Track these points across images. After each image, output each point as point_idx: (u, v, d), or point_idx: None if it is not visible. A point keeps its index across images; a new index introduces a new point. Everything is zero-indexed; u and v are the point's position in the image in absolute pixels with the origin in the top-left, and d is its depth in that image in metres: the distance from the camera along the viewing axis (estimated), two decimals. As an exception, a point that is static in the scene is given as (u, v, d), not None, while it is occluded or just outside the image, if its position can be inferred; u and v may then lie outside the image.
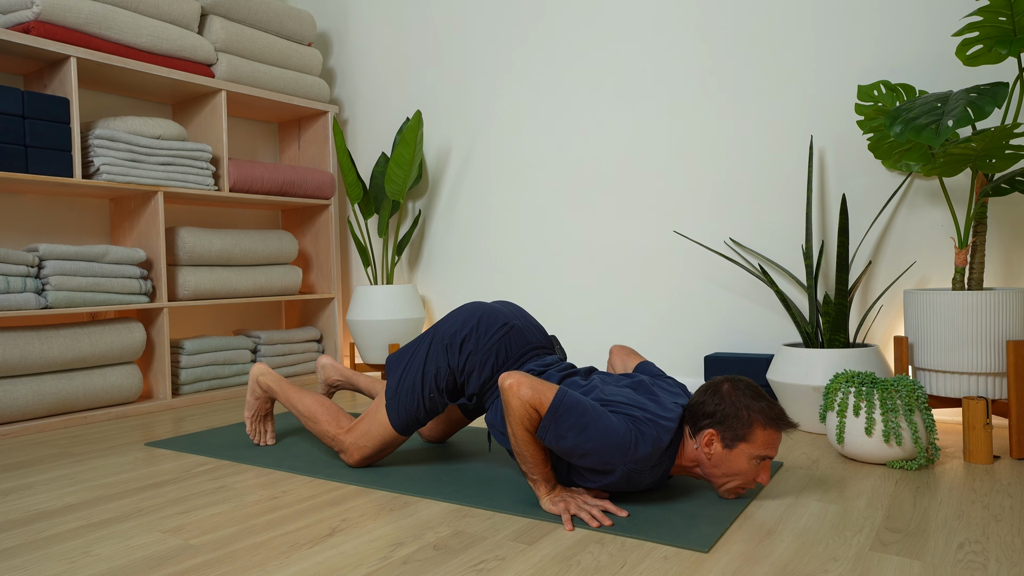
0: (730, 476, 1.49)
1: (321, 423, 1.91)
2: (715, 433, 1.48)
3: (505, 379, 1.44)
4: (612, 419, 1.43)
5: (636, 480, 1.48)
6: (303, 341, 3.46)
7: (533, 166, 3.13)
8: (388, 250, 3.52)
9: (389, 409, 1.78)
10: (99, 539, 1.39)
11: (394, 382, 1.79)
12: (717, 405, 1.49)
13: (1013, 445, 1.81)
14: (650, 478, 1.49)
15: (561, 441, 1.41)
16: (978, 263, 2.00)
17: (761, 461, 1.48)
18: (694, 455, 1.52)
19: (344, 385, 2.32)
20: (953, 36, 2.01)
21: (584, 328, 3.01)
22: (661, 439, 1.44)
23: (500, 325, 1.76)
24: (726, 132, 2.67)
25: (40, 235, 2.85)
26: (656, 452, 1.44)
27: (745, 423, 1.47)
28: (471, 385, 1.74)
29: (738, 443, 1.47)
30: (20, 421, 2.46)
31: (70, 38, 2.62)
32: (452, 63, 3.37)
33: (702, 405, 1.51)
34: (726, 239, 2.68)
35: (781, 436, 1.50)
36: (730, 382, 1.53)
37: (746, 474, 1.48)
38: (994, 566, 1.17)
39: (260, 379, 2.12)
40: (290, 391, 2.02)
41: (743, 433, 1.46)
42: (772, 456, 1.49)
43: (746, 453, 1.47)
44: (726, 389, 1.51)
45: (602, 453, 1.41)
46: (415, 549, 1.30)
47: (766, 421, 1.47)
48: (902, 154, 2.15)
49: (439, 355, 1.76)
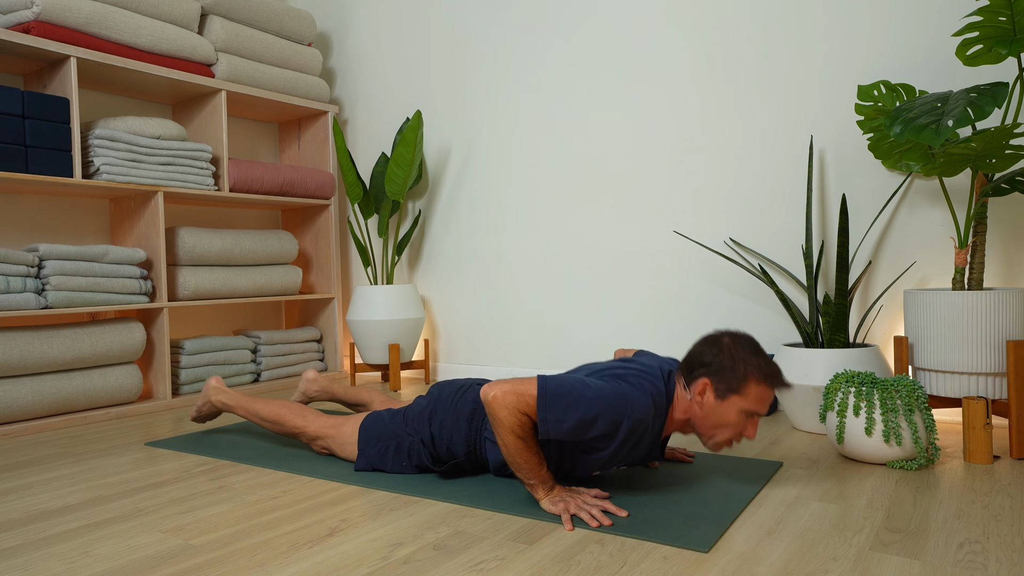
0: (719, 428, 1.51)
1: (287, 422, 1.95)
2: (709, 382, 1.49)
3: (488, 391, 1.43)
4: (598, 382, 1.44)
5: (638, 439, 1.48)
6: (303, 341, 3.46)
7: (533, 166, 3.13)
8: (388, 250, 3.52)
9: (360, 459, 1.82)
10: (99, 539, 1.39)
11: (371, 449, 1.81)
12: (715, 356, 1.50)
13: (1013, 445, 1.81)
14: (649, 437, 1.51)
15: (564, 424, 1.40)
16: (978, 263, 2.00)
17: (750, 416, 1.50)
18: (686, 406, 1.53)
19: (321, 396, 2.34)
20: (953, 36, 2.01)
21: (584, 328, 3.01)
22: (653, 388, 1.47)
23: (458, 387, 1.78)
24: (726, 132, 2.67)
25: (40, 235, 2.85)
26: (651, 403, 1.45)
27: (740, 376, 1.47)
28: (457, 448, 1.72)
29: (730, 395, 1.48)
30: (20, 421, 2.46)
31: (70, 38, 2.62)
32: (452, 63, 3.37)
33: (699, 355, 1.52)
34: (726, 239, 2.68)
35: (773, 394, 1.51)
36: (730, 335, 1.53)
37: (734, 427, 1.50)
38: (994, 566, 1.17)
39: (215, 398, 2.15)
40: (249, 403, 2.04)
41: (737, 386, 1.47)
42: (762, 413, 1.50)
43: (737, 406, 1.48)
44: (726, 341, 1.52)
45: (605, 413, 1.41)
46: (415, 549, 1.30)
47: (761, 377, 1.48)
48: (902, 154, 2.15)
49: (412, 434, 1.77)
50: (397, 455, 1.77)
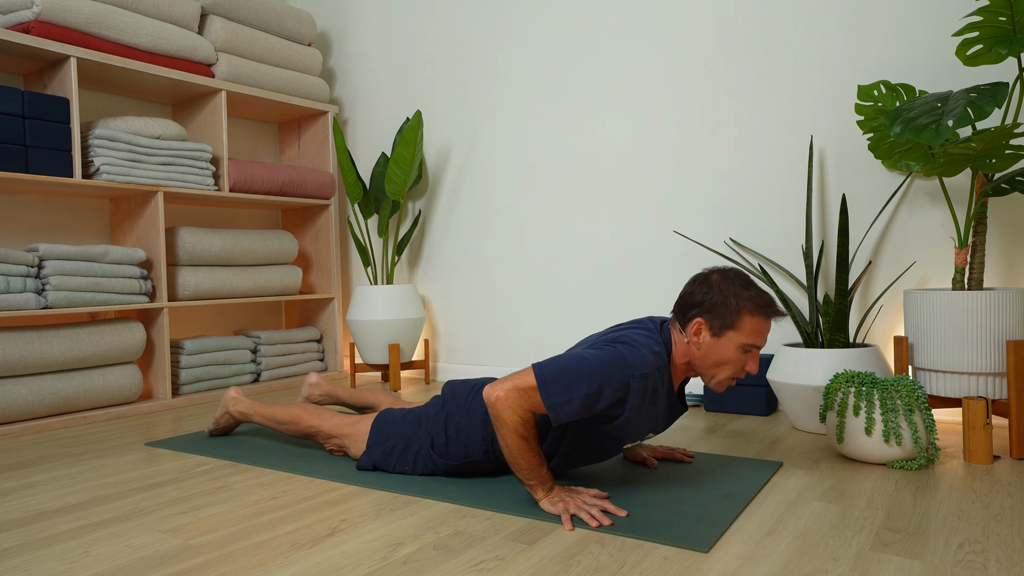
0: (719, 366, 1.50)
1: (303, 421, 1.96)
2: (703, 321, 1.48)
3: (491, 393, 1.41)
4: (594, 352, 1.43)
5: (653, 395, 1.46)
6: (303, 341, 3.46)
7: (533, 166, 3.13)
8: (388, 250, 3.52)
9: (364, 456, 1.81)
10: (99, 539, 1.39)
11: (377, 447, 1.80)
12: (705, 294, 1.49)
13: (1013, 445, 1.81)
14: (663, 389, 1.49)
15: (572, 404, 1.39)
16: (978, 263, 2.00)
17: (748, 351, 1.49)
18: (685, 349, 1.52)
19: (325, 401, 2.35)
20: (953, 36, 2.01)
21: (584, 328, 3.01)
22: (648, 340, 1.46)
23: (471, 387, 1.77)
24: (726, 132, 2.67)
25: (40, 235, 2.85)
26: (651, 356, 1.44)
27: (733, 310, 1.46)
28: (475, 450, 1.70)
29: (726, 331, 1.47)
30: (20, 421, 2.46)
31: (70, 38, 2.62)
32: (452, 63, 3.37)
33: (691, 295, 1.51)
34: (726, 239, 2.68)
35: (770, 325, 1.50)
36: (719, 272, 1.52)
37: (734, 362, 1.49)
38: (994, 566, 1.17)
39: (234, 408, 2.17)
40: (265, 409, 2.07)
41: (731, 320, 1.47)
42: (760, 345, 1.49)
43: (734, 341, 1.47)
44: (715, 278, 1.51)
45: (610, 381, 1.39)
46: (415, 549, 1.30)
47: (754, 308, 1.47)
48: (902, 154, 2.15)
49: (424, 437, 1.75)
50: (402, 457, 1.76)
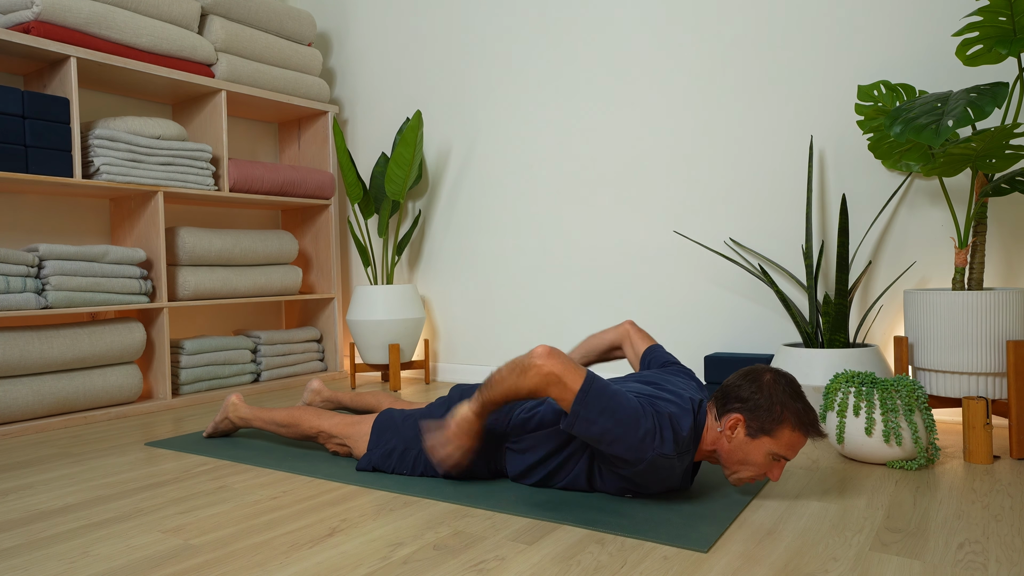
0: (743, 465, 1.47)
1: (304, 423, 1.96)
2: (742, 419, 1.45)
3: (538, 357, 1.40)
4: (637, 404, 1.40)
5: (666, 471, 1.44)
6: (303, 341, 3.46)
7: (533, 166, 3.13)
8: (388, 250, 3.52)
9: (364, 458, 1.82)
10: (99, 539, 1.39)
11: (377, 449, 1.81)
12: (753, 393, 1.45)
13: (1013, 445, 1.81)
14: (680, 468, 1.46)
15: (592, 427, 1.38)
16: (978, 263, 2.00)
17: (777, 460, 1.45)
18: (715, 437, 1.49)
19: (327, 407, 2.37)
20: (953, 36, 2.01)
21: (584, 328, 3.01)
22: (682, 422, 1.43)
23: None
24: (726, 132, 2.67)
25: (40, 235, 2.84)
26: (681, 438, 1.41)
27: (776, 418, 1.43)
28: (477, 459, 1.70)
29: (762, 435, 1.43)
30: (20, 421, 2.46)
31: (70, 38, 2.62)
32: (452, 63, 3.37)
33: (738, 388, 1.47)
34: (726, 239, 2.68)
35: (805, 441, 1.46)
36: (773, 373, 1.48)
37: (759, 467, 1.46)
38: (994, 566, 1.17)
39: (234, 414, 2.17)
40: (266, 413, 2.07)
41: (771, 427, 1.43)
42: (790, 458, 1.46)
43: (767, 447, 1.44)
44: (767, 379, 1.47)
45: (631, 439, 1.38)
46: (415, 549, 1.30)
47: (797, 423, 1.43)
48: (902, 154, 2.15)
49: None
50: (401, 460, 1.76)
